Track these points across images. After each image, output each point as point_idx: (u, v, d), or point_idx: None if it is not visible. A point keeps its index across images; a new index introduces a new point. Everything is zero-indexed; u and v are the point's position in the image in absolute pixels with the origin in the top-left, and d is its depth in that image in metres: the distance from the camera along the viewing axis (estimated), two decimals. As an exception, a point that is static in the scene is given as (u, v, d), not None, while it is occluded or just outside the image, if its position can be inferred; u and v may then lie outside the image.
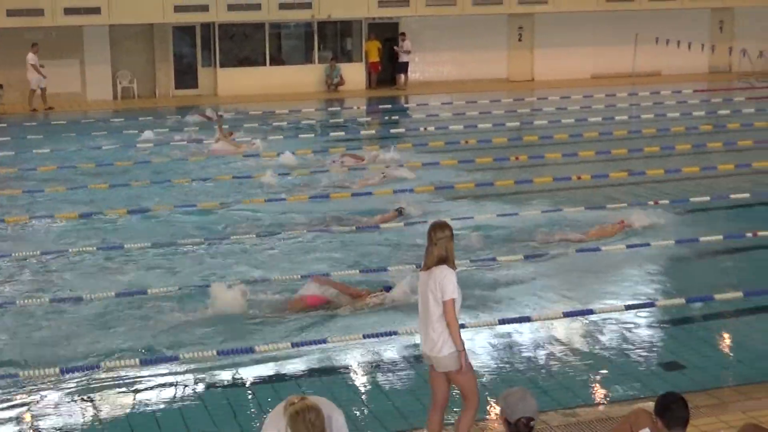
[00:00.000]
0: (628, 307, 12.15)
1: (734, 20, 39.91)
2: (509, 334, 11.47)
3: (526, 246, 15.02)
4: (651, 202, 17.59)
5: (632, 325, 11.76)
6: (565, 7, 36.74)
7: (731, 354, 11.07)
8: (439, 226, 8.05)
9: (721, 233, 15.34)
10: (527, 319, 11.80)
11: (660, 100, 31.83)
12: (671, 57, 37.35)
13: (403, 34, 36.08)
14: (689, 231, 15.73)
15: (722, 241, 15.06)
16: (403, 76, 36.35)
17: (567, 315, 11.91)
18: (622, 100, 32.24)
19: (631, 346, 11.15)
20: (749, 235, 15.21)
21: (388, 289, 12.57)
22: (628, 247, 14.84)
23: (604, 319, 11.87)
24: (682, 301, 12.32)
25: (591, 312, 11.99)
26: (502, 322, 11.68)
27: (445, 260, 7.95)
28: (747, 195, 18.00)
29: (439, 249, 7.93)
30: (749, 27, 39.56)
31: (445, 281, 7.87)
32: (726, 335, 11.68)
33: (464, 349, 7.97)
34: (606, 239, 15.22)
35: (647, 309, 12.19)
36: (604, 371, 10.42)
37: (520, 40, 38.02)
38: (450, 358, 7.96)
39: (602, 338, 11.37)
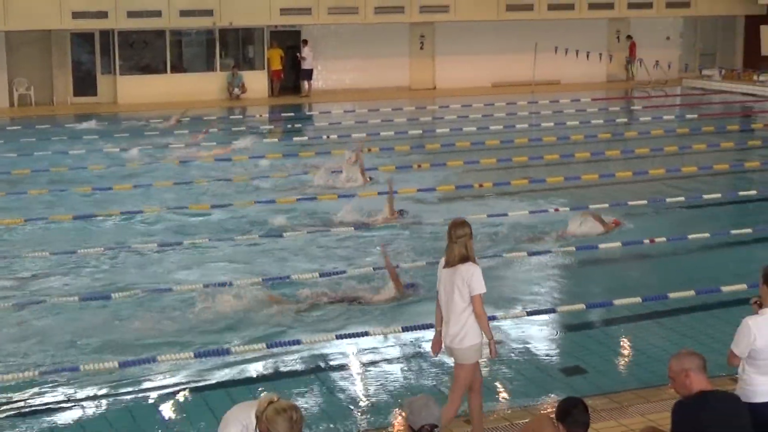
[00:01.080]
0: (530, 313, 12.27)
1: (631, 30, 40.66)
2: (414, 342, 11.49)
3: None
4: (552, 209, 17.84)
5: (534, 331, 11.90)
6: (466, 16, 37.05)
7: (631, 358, 11.25)
8: (459, 224, 8.34)
9: (619, 240, 15.60)
10: (429, 327, 11.82)
11: (559, 108, 32.29)
12: (570, 66, 37.97)
13: (305, 41, 36.06)
14: (588, 238, 15.97)
15: (620, 247, 15.30)
16: (306, 83, 36.33)
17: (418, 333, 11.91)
18: (523, 108, 32.62)
19: (533, 352, 11.27)
20: (646, 241, 15.51)
21: (411, 286, 13.13)
22: (530, 254, 15.02)
23: (507, 325, 11.98)
24: (583, 306, 12.47)
25: (493, 318, 12.06)
26: (406, 329, 11.70)
27: (467, 257, 8.25)
28: (644, 202, 18.34)
29: (459, 247, 8.25)
30: (645, 37, 40.39)
31: (474, 277, 8.20)
32: (626, 340, 11.85)
33: (493, 338, 8.43)
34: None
35: (548, 314, 12.33)
36: (507, 377, 10.50)
37: (421, 48, 38.24)
38: (470, 350, 8.31)
39: (504, 344, 11.46)
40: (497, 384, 10.36)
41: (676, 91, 38.49)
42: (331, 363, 11.03)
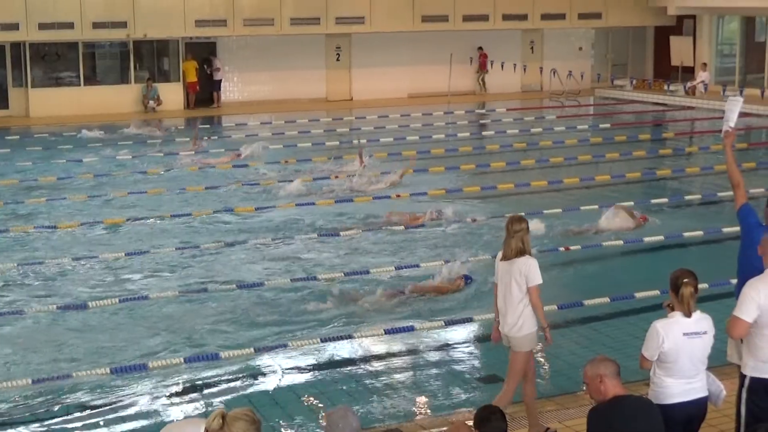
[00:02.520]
0: (448, 323, 12.33)
1: (544, 41, 41.21)
2: (331, 352, 11.50)
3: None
4: (469, 219, 17.97)
5: (452, 341, 11.97)
6: (382, 28, 37.18)
7: (547, 365, 11.36)
8: (517, 220, 8.84)
9: (534, 247, 15.71)
10: (348, 337, 11.85)
11: (475, 118, 32.55)
12: (486, 76, 38.27)
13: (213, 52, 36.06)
14: (489, 248, 16.13)
15: (535, 255, 15.39)
16: (216, 95, 36.29)
17: (388, 332, 12.01)
18: (439, 119, 32.82)
19: (451, 361, 11.35)
20: (561, 249, 15.70)
21: (469, 279, 13.94)
22: (447, 261, 15.11)
23: (425, 336, 12.03)
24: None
25: (412, 329, 12.12)
26: (324, 340, 11.70)
27: (523, 251, 8.71)
28: (559, 210, 18.57)
29: (516, 241, 8.70)
30: (558, 48, 40.98)
31: (531, 269, 8.66)
32: (542, 347, 11.94)
33: (548, 326, 8.89)
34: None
35: (466, 324, 12.41)
36: (426, 386, 10.56)
37: (338, 60, 38.28)
38: (527, 338, 8.80)
39: (423, 354, 11.53)
40: (416, 393, 10.41)
41: (589, 101, 39.03)
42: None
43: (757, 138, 29.20)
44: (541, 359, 11.56)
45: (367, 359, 11.43)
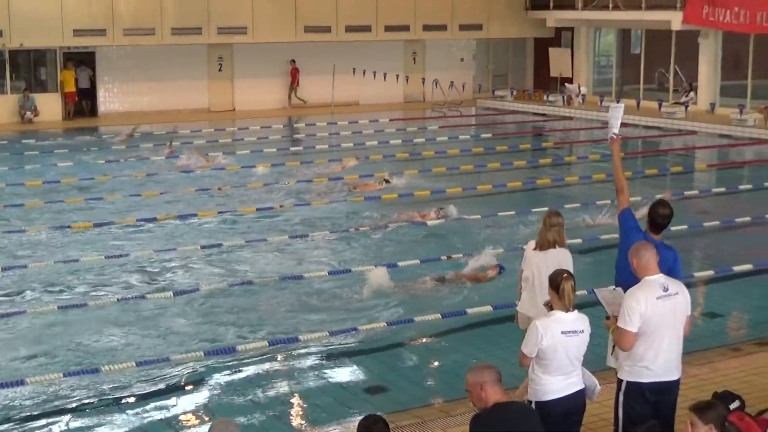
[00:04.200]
0: (333, 333, 12.33)
1: (426, 52, 41.57)
2: (213, 367, 11.39)
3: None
4: (352, 229, 18.03)
5: (337, 351, 11.96)
6: (264, 38, 37.02)
7: (432, 374, 11.44)
8: (554, 214, 9.58)
9: (417, 257, 15.88)
10: (232, 350, 11.75)
11: (358, 129, 32.64)
12: (368, 87, 38.49)
13: (82, 61, 35.57)
14: (387, 256, 16.22)
15: (419, 264, 15.56)
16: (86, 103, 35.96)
17: (272, 344, 11.96)
18: (322, 129, 32.82)
19: (336, 372, 11.34)
20: (443, 258, 15.83)
21: (502, 267, 14.75)
22: (332, 273, 15.12)
23: (310, 346, 12.01)
24: (383, 324, 12.62)
25: (296, 340, 12.09)
26: (208, 354, 11.59)
27: (558, 243, 9.37)
28: (442, 221, 18.73)
29: (553, 234, 9.38)
30: (440, 58, 41.40)
31: (566, 261, 9.16)
32: (426, 356, 12.03)
33: None
34: None
35: (349, 333, 12.41)
36: (310, 397, 10.54)
37: (220, 70, 38.01)
38: None
39: (308, 365, 11.50)
40: (301, 404, 10.38)
41: (471, 111, 39.51)
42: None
43: (633, 147, 29.88)
44: (425, 368, 11.65)
45: (254, 372, 11.35)
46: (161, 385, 10.88)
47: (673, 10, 35.24)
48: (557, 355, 7.28)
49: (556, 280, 7.40)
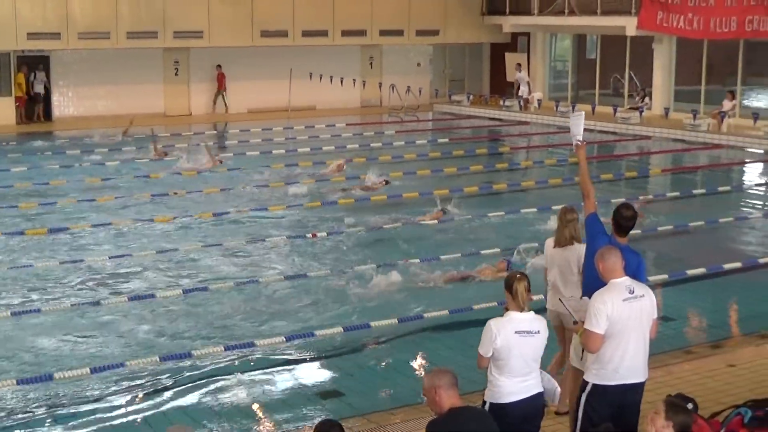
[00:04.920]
0: (289, 338, 12.30)
1: (383, 57, 41.63)
2: (168, 372, 11.33)
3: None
4: (309, 236, 18.00)
5: (293, 357, 11.93)
6: (221, 42, 36.92)
7: (389, 379, 11.42)
8: (569, 210, 9.78)
9: (373, 262, 15.87)
10: (188, 356, 11.68)
11: (315, 133, 32.61)
12: (325, 92, 38.46)
13: (39, 65, 35.25)
14: (344, 262, 16.22)
15: (375, 268, 15.54)
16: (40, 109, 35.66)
17: (228, 349, 11.91)
18: (279, 134, 32.77)
19: (292, 377, 11.32)
20: (401, 262, 15.83)
21: (510, 263, 15.14)
22: (288, 278, 15.10)
23: (266, 352, 11.97)
24: (341, 329, 12.61)
25: (252, 345, 12.05)
26: (164, 359, 11.52)
27: (575, 238, 9.58)
28: (399, 224, 18.76)
29: (569, 229, 9.59)
30: (397, 63, 41.48)
31: (583, 255, 9.06)
32: (383, 360, 12.01)
33: None
34: None
35: (307, 339, 12.39)
36: (266, 403, 10.50)
37: (176, 74, 37.82)
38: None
39: (264, 370, 11.46)
40: (257, 411, 10.35)
41: (428, 116, 39.59)
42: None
43: (589, 152, 29.98)
44: (382, 372, 11.64)
45: (207, 378, 11.30)
46: (116, 392, 10.78)
47: (628, 15, 35.55)
48: (512, 355, 7.30)
49: (509, 281, 7.44)
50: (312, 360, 11.91)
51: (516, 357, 7.31)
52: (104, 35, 34.88)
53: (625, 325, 7.52)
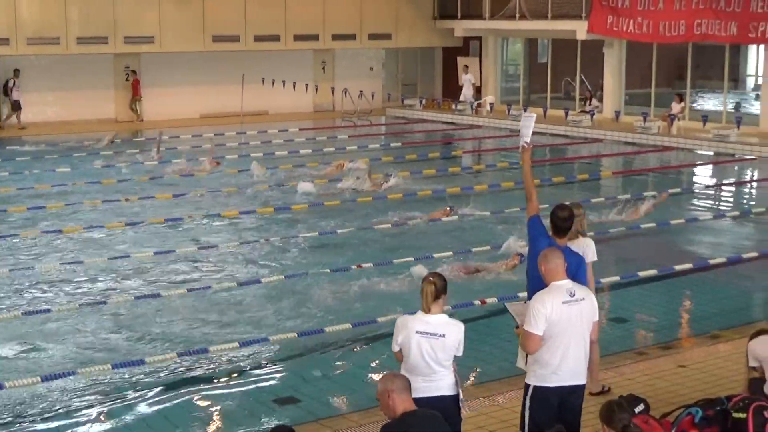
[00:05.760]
0: (243, 344, 12.25)
1: (335, 61, 41.62)
2: (121, 379, 11.25)
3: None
4: (262, 240, 17.98)
5: (248, 362, 11.90)
6: (172, 48, 36.74)
7: (343, 384, 11.41)
8: (576, 206, 9.88)
9: (328, 267, 15.87)
10: (141, 363, 11.61)
11: (268, 138, 32.54)
12: (278, 97, 38.38)
13: (16, 70, 34.88)
14: (297, 266, 16.22)
15: (330, 273, 15.56)
16: (17, 116, 35.35)
17: (181, 355, 11.85)
18: (232, 139, 32.67)
19: (246, 383, 11.28)
20: (354, 267, 15.85)
21: (523, 257, 15.11)
22: (241, 284, 15.06)
23: (220, 357, 11.93)
24: (295, 335, 12.58)
25: (206, 351, 11.99)
26: (116, 367, 11.43)
27: (579, 233, 9.87)
28: (352, 229, 18.78)
29: (576, 224, 9.54)
30: (349, 68, 41.49)
31: (589, 249, 9.84)
32: (337, 366, 12.01)
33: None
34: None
35: (262, 344, 12.36)
36: (220, 409, 10.46)
37: (127, 80, 37.55)
38: None
39: (218, 376, 11.42)
40: (209, 415, 10.30)
41: (381, 120, 39.65)
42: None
43: (541, 155, 30.23)
44: (337, 378, 11.63)
45: (161, 385, 11.24)
46: (67, 400, 10.70)
47: (579, 20, 35.82)
48: (412, 353, 7.39)
49: (421, 282, 7.49)
50: (267, 365, 11.89)
51: (416, 356, 7.40)
52: (53, 41, 34.58)
53: (564, 328, 7.57)
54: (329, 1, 39.58)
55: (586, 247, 9.76)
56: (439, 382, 7.46)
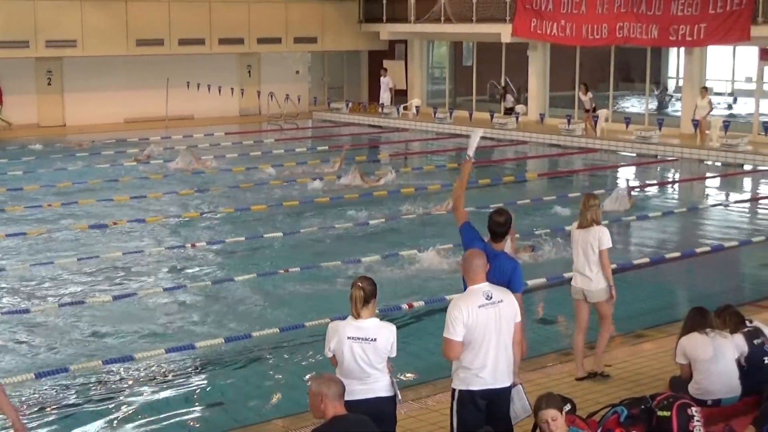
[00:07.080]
0: (170, 350, 12.15)
1: (261, 65, 41.48)
2: (45, 387, 11.10)
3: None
4: (189, 245, 17.84)
5: (174, 369, 11.80)
6: (95, 51, 36.28)
7: (272, 389, 11.35)
8: (592, 196, 10.68)
9: (255, 272, 15.79)
10: (65, 370, 11.46)
11: (194, 143, 32.31)
12: (203, 101, 38.16)
13: None
14: (224, 272, 16.14)
15: (255, 278, 15.49)
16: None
17: (107, 363, 11.71)
18: (157, 143, 32.38)
19: (173, 390, 11.19)
20: (281, 272, 15.80)
21: (533, 247, 16.90)
22: (166, 290, 14.93)
23: (146, 365, 11.81)
24: (221, 341, 12.51)
25: (131, 359, 11.87)
26: (40, 376, 11.27)
27: (596, 221, 10.44)
28: (280, 234, 18.73)
29: (591, 213, 10.43)
30: (275, 71, 41.38)
31: (603, 237, 10.40)
32: (265, 371, 11.96)
33: (614, 285, 10.55)
34: None
35: (188, 351, 12.25)
36: (146, 416, 10.37)
37: (49, 84, 37.04)
38: (601, 291, 10.51)
39: (144, 383, 11.32)
40: (135, 423, 10.20)
41: (308, 123, 39.60)
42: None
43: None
44: (265, 383, 11.58)
45: (83, 392, 11.10)
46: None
47: (503, 23, 36.11)
48: (345, 358, 7.41)
49: (351, 286, 7.52)
50: (193, 372, 11.80)
51: (350, 361, 7.41)
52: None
53: (483, 331, 7.59)
54: (254, 5, 39.44)
55: (602, 234, 10.37)
56: (375, 385, 7.47)
